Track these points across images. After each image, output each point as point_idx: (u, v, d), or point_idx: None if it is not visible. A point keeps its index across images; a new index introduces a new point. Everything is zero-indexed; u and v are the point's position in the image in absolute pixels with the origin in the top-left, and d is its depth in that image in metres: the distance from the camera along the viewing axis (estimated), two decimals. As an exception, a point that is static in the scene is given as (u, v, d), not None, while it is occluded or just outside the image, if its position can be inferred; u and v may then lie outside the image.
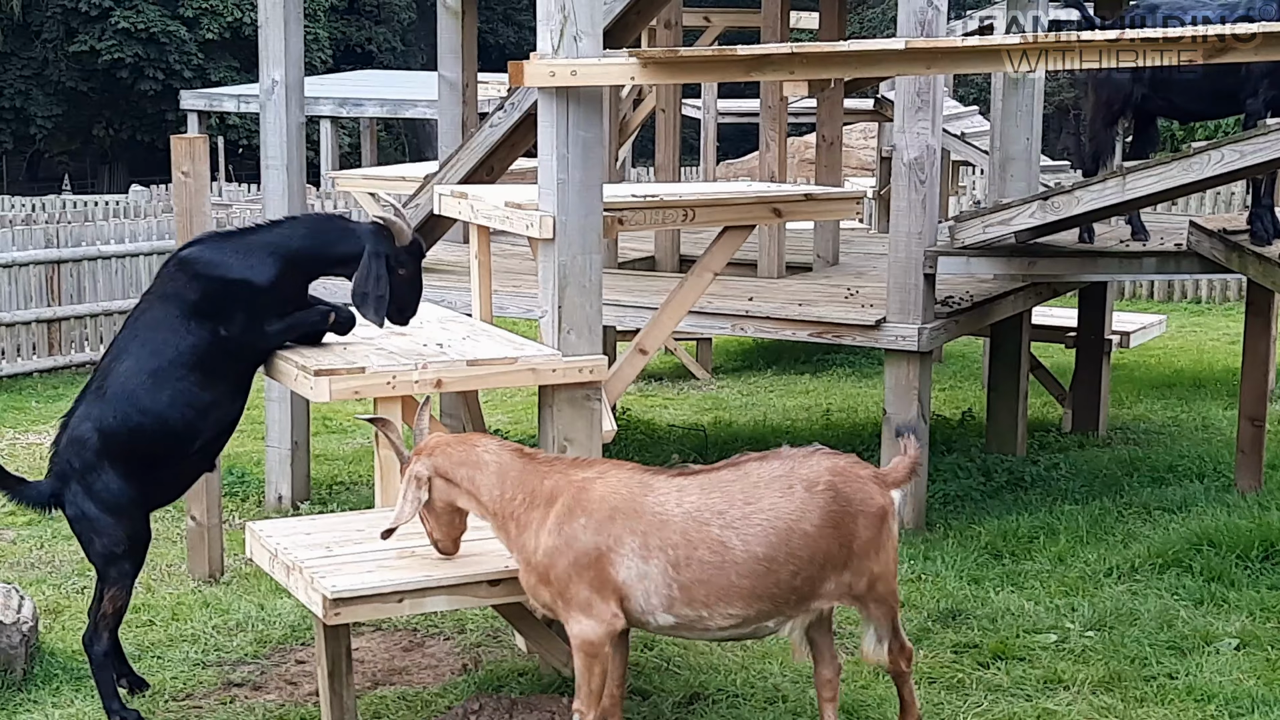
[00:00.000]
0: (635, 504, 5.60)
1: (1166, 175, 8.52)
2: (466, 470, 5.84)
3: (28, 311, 15.81)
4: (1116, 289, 15.31)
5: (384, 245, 6.83)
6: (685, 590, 5.56)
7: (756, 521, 5.57)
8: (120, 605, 6.72)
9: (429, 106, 25.26)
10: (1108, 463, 10.88)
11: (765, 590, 5.59)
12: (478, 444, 5.91)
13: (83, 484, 6.60)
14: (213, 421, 6.80)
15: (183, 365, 6.62)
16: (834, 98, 12.38)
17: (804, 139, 26.94)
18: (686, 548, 5.54)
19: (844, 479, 5.71)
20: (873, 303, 9.74)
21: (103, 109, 42.27)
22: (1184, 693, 6.80)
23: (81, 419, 6.67)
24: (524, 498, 5.75)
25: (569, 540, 5.61)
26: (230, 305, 6.69)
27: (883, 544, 5.76)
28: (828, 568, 5.65)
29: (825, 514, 5.61)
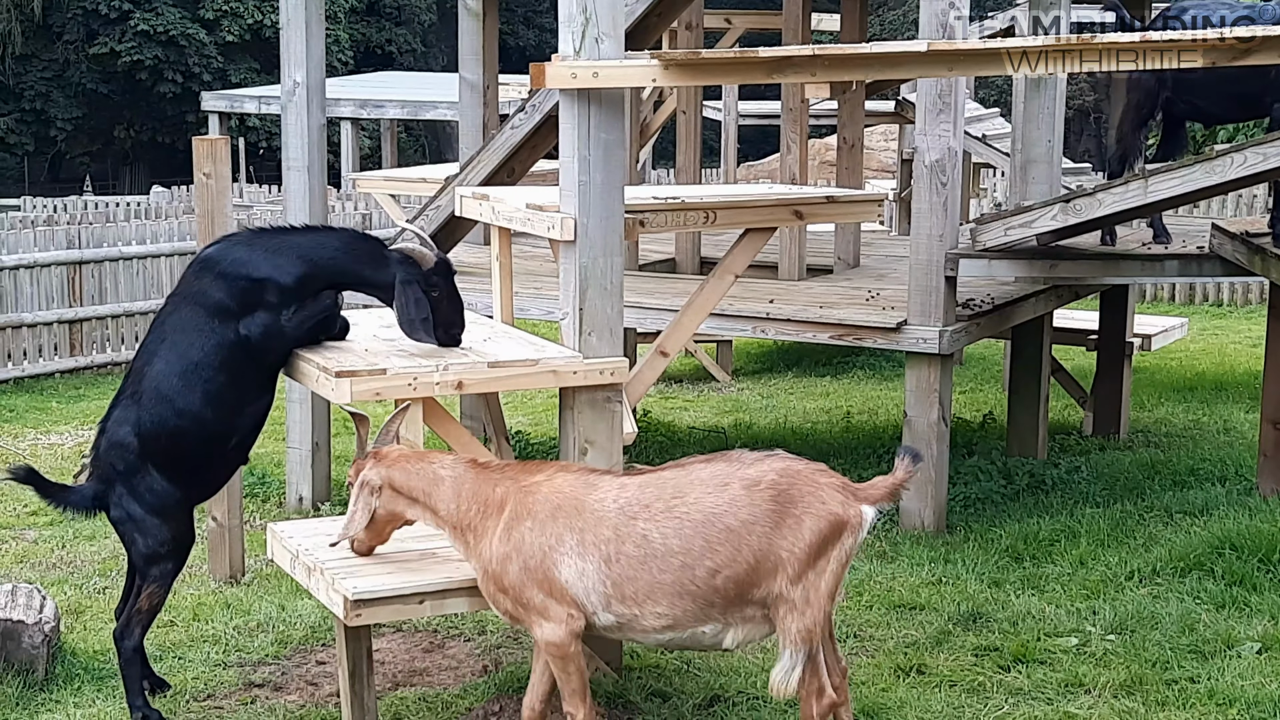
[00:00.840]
0: (576, 502, 5.61)
1: (1189, 178, 8.51)
2: (423, 485, 5.88)
3: (49, 312, 15.86)
4: (1138, 292, 15.27)
5: (412, 272, 6.90)
6: (617, 586, 5.53)
7: (676, 514, 5.49)
8: (156, 603, 6.77)
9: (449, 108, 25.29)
10: (1129, 466, 10.85)
11: (685, 587, 5.48)
12: (434, 460, 5.94)
13: (127, 486, 6.66)
14: (247, 417, 6.87)
15: (211, 365, 6.66)
16: (855, 100, 12.38)
17: (825, 141, 26.93)
18: (616, 543, 5.52)
19: (793, 481, 5.52)
20: (894, 305, 9.73)
21: (124, 110, 42.40)
22: (1205, 696, 6.78)
23: (119, 423, 6.71)
24: (478, 508, 5.77)
25: (517, 545, 5.63)
26: (253, 303, 6.73)
27: (826, 554, 5.48)
28: (760, 572, 5.47)
29: (759, 513, 5.46)
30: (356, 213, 20.34)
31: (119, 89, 41.80)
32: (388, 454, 6.00)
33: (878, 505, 5.61)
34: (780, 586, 5.46)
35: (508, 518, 5.67)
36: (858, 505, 5.54)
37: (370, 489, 5.92)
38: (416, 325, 6.86)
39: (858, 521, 5.52)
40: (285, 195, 10.54)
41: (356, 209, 21.69)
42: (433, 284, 6.92)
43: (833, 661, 5.75)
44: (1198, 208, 18.56)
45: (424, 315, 6.86)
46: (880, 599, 8.17)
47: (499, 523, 5.69)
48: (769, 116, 19.62)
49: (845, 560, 5.55)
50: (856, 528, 5.52)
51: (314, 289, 6.89)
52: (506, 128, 10.24)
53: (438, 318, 6.92)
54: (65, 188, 37.50)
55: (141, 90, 41.61)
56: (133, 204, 25.85)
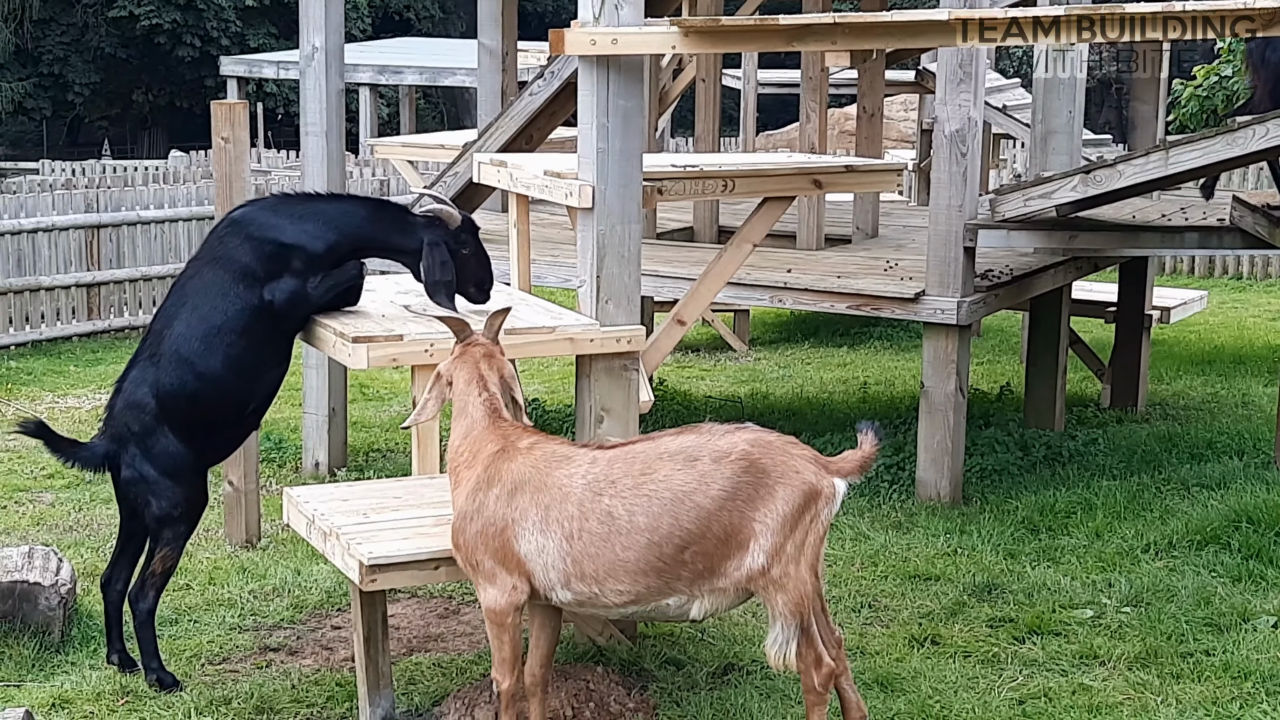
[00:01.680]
0: (544, 478, 5.54)
1: (1210, 149, 8.46)
2: (459, 404, 5.86)
3: (67, 276, 15.88)
4: (1157, 264, 15.21)
5: (440, 234, 6.95)
6: (577, 564, 5.45)
7: (644, 491, 5.40)
8: (170, 566, 6.80)
9: (468, 75, 25.26)
10: (1146, 438, 10.83)
11: (650, 565, 5.40)
12: (475, 390, 5.83)
13: (141, 447, 6.66)
14: (265, 383, 6.90)
15: (233, 330, 6.68)
16: (875, 69, 12.33)
17: (844, 110, 26.83)
18: (580, 519, 5.45)
19: (765, 451, 5.42)
20: (912, 276, 9.70)
21: (142, 74, 42.35)
22: (1220, 669, 6.78)
23: (137, 383, 6.71)
24: (469, 456, 5.73)
25: (479, 508, 5.60)
26: (279, 268, 6.75)
27: (802, 524, 5.38)
28: (730, 544, 5.37)
29: (731, 485, 5.36)
30: (374, 179, 20.32)
31: (137, 53, 41.74)
32: (470, 352, 5.94)
33: (848, 478, 5.51)
34: (756, 560, 5.36)
35: (481, 478, 5.63)
36: (829, 477, 5.46)
37: (444, 381, 5.92)
38: (440, 288, 6.89)
39: (830, 492, 5.44)
40: (303, 160, 10.53)
41: (374, 175, 21.68)
42: (462, 242, 7.01)
43: (826, 632, 5.63)
44: (1219, 179, 18.47)
45: (448, 278, 6.91)
46: (895, 569, 8.17)
47: (472, 479, 5.66)
48: (788, 85, 19.56)
49: (822, 532, 5.45)
50: (830, 498, 5.43)
51: (340, 256, 6.91)
52: (525, 94, 10.22)
53: (469, 276, 7.02)
54: (84, 152, 37.52)
55: (160, 54, 41.55)
56: (151, 168, 25.86)
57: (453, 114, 43.37)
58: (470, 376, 5.87)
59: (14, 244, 15.44)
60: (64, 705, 6.50)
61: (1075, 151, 11.30)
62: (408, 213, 7.17)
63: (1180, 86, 18.07)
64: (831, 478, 5.46)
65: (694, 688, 6.62)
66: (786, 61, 24.42)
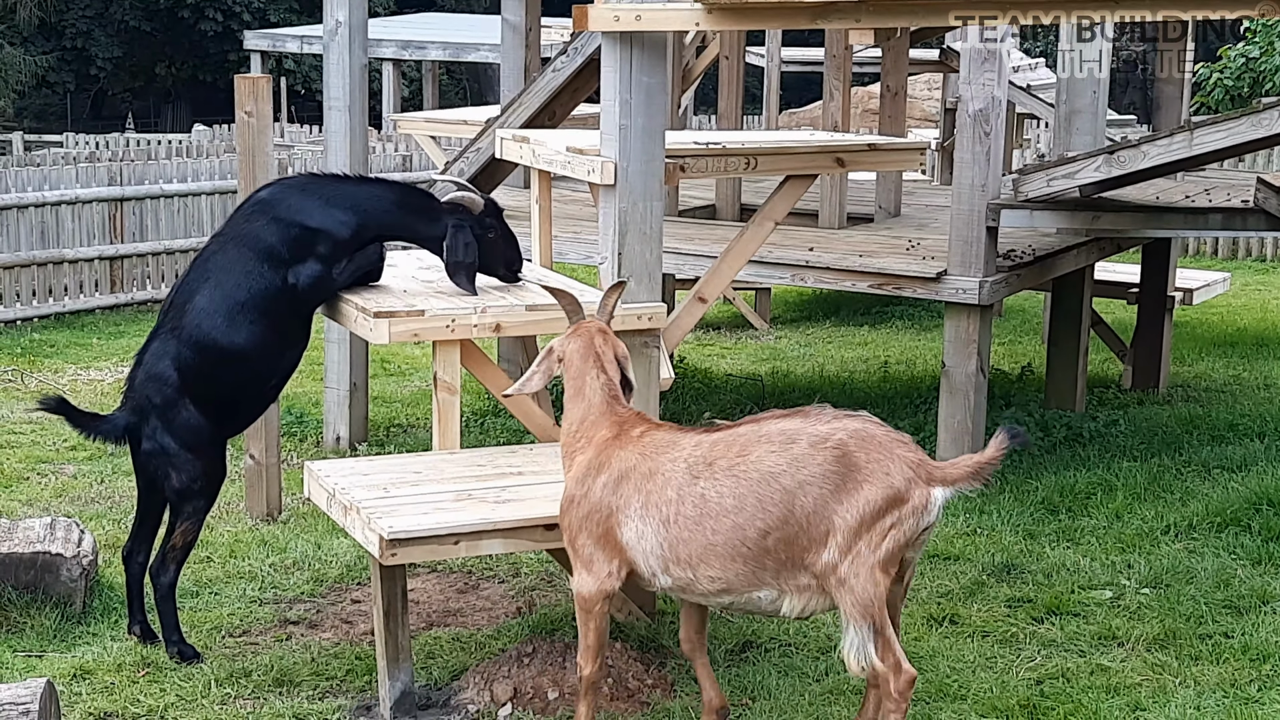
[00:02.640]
0: (648, 464, 5.53)
1: (1235, 131, 8.42)
2: (575, 385, 5.88)
3: (90, 248, 15.93)
4: (1180, 246, 15.15)
5: (465, 219, 7.00)
6: (673, 549, 5.44)
7: (736, 472, 5.34)
8: (190, 539, 6.83)
9: (491, 50, 25.23)
10: (1167, 420, 10.81)
11: (736, 549, 5.33)
12: (594, 372, 5.84)
13: (163, 420, 6.68)
14: (287, 360, 6.93)
15: (256, 307, 6.70)
16: (899, 47, 12.29)
17: (868, 89, 26.75)
18: (676, 503, 5.43)
19: (863, 445, 5.24)
20: (934, 255, 9.69)
21: (165, 48, 42.40)
22: (1239, 651, 6.77)
23: (158, 356, 6.73)
24: (585, 441, 5.76)
25: (586, 493, 5.62)
26: (304, 252, 6.78)
27: (880, 527, 5.18)
28: (812, 534, 5.24)
29: (820, 472, 5.23)
30: (397, 154, 20.32)
31: (161, 26, 41.78)
32: (585, 329, 5.96)
33: (955, 486, 5.26)
34: (831, 555, 5.22)
35: (591, 463, 5.65)
36: (926, 486, 5.21)
37: (555, 357, 5.94)
38: (460, 270, 6.93)
39: (921, 503, 5.20)
40: (326, 135, 10.53)
41: (397, 150, 21.68)
42: (487, 226, 7.06)
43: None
44: (1243, 161, 18.41)
45: (470, 260, 6.96)
46: (914, 549, 8.17)
47: (583, 464, 5.69)
48: (812, 63, 19.50)
49: (902, 540, 5.21)
50: (919, 509, 5.20)
51: (365, 241, 6.94)
52: (548, 70, 10.21)
53: (498, 257, 7.09)
54: (108, 125, 37.61)
55: (183, 28, 41.59)
56: (174, 142, 25.90)
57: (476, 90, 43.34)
58: (587, 356, 5.88)
59: (37, 216, 15.49)
60: (85, 676, 6.53)
61: (1099, 132, 11.25)
62: (433, 199, 7.21)
63: (1206, 69, 18.00)
64: (928, 487, 5.22)
65: (712, 664, 6.63)
66: (810, 39, 24.36)
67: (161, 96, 44.42)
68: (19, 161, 19.95)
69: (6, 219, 15.23)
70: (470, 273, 6.96)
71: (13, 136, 28.77)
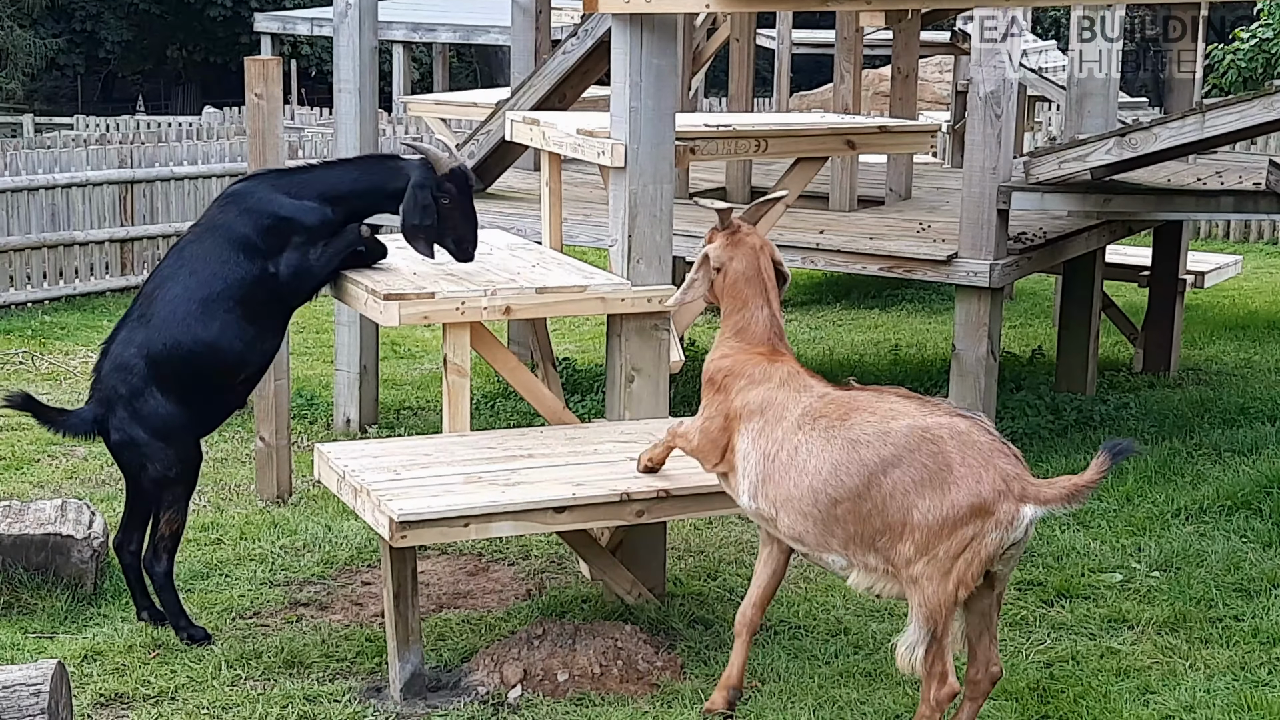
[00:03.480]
0: (778, 396, 5.63)
1: (1247, 113, 8.40)
2: (735, 301, 5.94)
3: (101, 231, 15.93)
4: (1192, 228, 15.11)
5: (428, 176, 6.81)
6: (764, 484, 5.56)
7: (829, 434, 5.39)
8: (177, 527, 6.79)
9: (502, 33, 25.15)
10: (1178, 403, 10.80)
11: (807, 508, 5.40)
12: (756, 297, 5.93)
13: (130, 409, 6.63)
14: (258, 354, 6.85)
15: (231, 298, 6.65)
16: (910, 30, 12.26)
17: (879, 71, 26.67)
18: (779, 445, 5.53)
19: (961, 446, 5.16)
20: (945, 238, 9.67)
21: (176, 31, 42.37)
22: (1249, 635, 6.77)
23: (124, 344, 6.69)
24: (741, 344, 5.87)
25: (725, 385, 5.77)
26: (279, 243, 6.73)
27: (961, 536, 5.11)
28: (886, 518, 5.22)
29: (905, 458, 5.19)
30: (407, 136, 20.31)
31: (170, 9, 41.76)
32: (741, 241, 5.99)
33: (1048, 506, 5.13)
34: (907, 550, 5.19)
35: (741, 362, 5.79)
36: (1016, 502, 5.10)
37: (713, 264, 5.97)
38: (417, 233, 6.79)
39: (1008, 519, 5.09)
40: (336, 117, 10.53)
41: (407, 132, 21.68)
42: (444, 190, 6.79)
43: (983, 657, 5.44)
44: (1255, 144, 18.35)
45: (428, 222, 6.79)
46: (924, 531, 8.16)
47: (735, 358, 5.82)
48: (823, 46, 19.46)
49: (985, 554, 5.12)
50: (1004, 525, 5.10)
51: (339, 223, 6.86)
52: (558, 53, 10.20)
53: (447, 228, 6.84)
54: (118, 107, 37.55)
55: (192, 11, 41.57)
56: (184, 124, 25.87)
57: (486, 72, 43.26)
58: (753, 281, 5.95)
59: (48, 199, 15.49)
60: (96, 657, 6.55)
61: (1111, 114, 11.23)
62: (397, 159, 7.07)
63: (1219, 51, 17.94)
64: (1018, 504, 5.10)
65: (721, 647, 6.63)
66: (821, 22, 24.30)
67: (172, 79, 44.40)
68: (29, 144, 19.93)
69: (17, 201, 15.22)
70: (428, 236, 6.81)
71: (23, 119, 28.78)
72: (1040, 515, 5.17)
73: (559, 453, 6.57)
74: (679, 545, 7.96)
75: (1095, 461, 5.10)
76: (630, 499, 6.09)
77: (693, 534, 8.18)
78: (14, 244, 15.13)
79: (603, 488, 6.12)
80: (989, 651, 5.45)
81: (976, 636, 5.44)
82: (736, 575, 7.55)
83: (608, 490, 6.10)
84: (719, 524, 8.28)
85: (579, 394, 10.97)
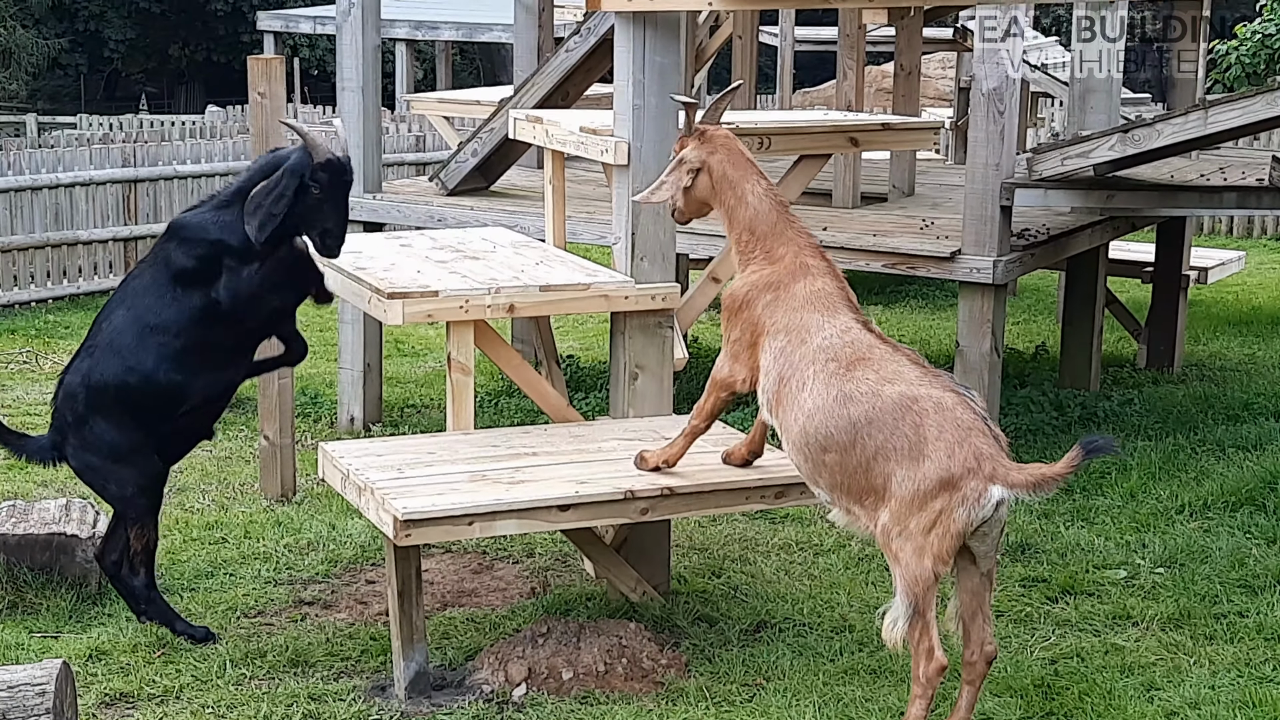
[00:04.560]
0: (804, 320, 5.65)
1: (1250, 109, 8.39)
2: (731, 195, 5.93)
3: (104, 230, 15.93)
4: (1195, 224, 15.11)
5: (302, 163, 6.42)
6: (776, 404, 5.65)
7: (831, 381, 5.46)
8: (146, 542, 6.77)
9: (505, 30, 25.16)
10: (1182, 399, 10.80)
11: (799, 445, 5.55)
12: (749, 179, 5.92)
13: (78, 436, 6.66)
14: (210, 384, 6.73)
15: (170, 330, 6.54)
16: (913, 26, 12.25)
17: (882, 68, 26.68)
18: (792, 370, 5.59)
19: (940, 419, 5.23)
20: (948, 234, 9.66)
21: (179, 29, 42.40)
22: (1254, 631, 6.77)
23: (74, 373, 6.70)
24: (760, 251, 5.85)
25: (750, 301, 5.80)
26: (216, 268, 6.53)
27: (931, 509, 5.18)
28: (869, 479, 5.32)
29: (886, 421, 5.28)
30: (410, 134, 20.31)
31: (173, 7, 41.78)
32: (714, 137, 6.01)
33: (1014, 490, 5.17)
34: (885, 518, 5.30)
35: (766, 279, 5.78)
36: (984, 481, 5.16)
37: (687, 167, 5.99)
38: (257, 213, 6.34)
39: (974, 496, 5.15)
40: (339, 115, 10.53)
41: (410, 130, 21.66)
42: (316, 180, 6.38)
43: (978, 637, 5.44)
44: (1259, 139, 18.34)
45: (272, 210, 6.33)
46: (929, 528, 8.16)
47: (758, 273, 5.82)
48: (826, 42, 19.44)
49: (955, 529, 5.17)
50: (970, 501, 5.15)
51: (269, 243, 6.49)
52: (561, 51, 10.20)
53: (315, 219, 6.43)
54: (121, 106, 37.57)
55: (195, 10, 41.59)
56: (188, 123, 25.89)
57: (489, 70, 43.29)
58: (738, 163, 5.96)
59: (51, 198, 15.50)
60: (100, 656, 6.55)
61: (1114, 110, 11.22)
62: (280, 150, 6.76)
63: (1222, 46, 17.92)
64: (986, 483, 5.16)
65: (726, 644, 6.64)
66: (824, 18, 24.26)
67: (175, 78, 44.42)
68: (33, 143, 19.94)
69: (21, 201, 15.24)
70: (264, 219, 6.33)
71: (26, 118, 28.80)
72: (1009, 497, 5.21)
73: (563, 451, 6.57)
74: (683, 543, 7.96)
75: (1068, 455, 5.14)
76: (634, 497, 6.09)
77: (697, 531, 8.18)
78: (17, 243, 15.15)
79: (607, 485, 6.12)
80: (983, 632, 5.47)
81: (970, 617, 5.47)
82: (741, 573, 7.55)
83: (612, 488, 6.10)
84: (723, 521, 8.29)
85: (583, 391, 10.97)
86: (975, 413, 5.33)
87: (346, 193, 6.52)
